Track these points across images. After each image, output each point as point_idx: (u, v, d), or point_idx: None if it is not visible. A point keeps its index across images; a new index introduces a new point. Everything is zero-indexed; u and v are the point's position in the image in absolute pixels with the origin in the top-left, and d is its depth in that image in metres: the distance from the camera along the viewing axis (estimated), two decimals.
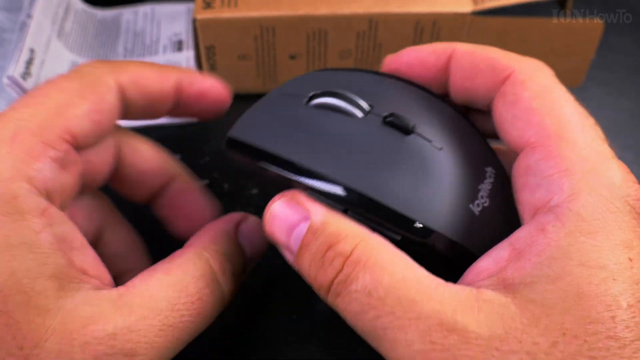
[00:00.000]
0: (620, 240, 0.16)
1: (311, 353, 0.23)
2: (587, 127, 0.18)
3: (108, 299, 0.17)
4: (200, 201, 0.25)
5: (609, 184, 0.16)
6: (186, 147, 0.31)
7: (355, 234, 0.17)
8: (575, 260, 0.16)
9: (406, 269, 0.17)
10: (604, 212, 0.16)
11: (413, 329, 0.16)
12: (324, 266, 0.17)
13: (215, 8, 0.31)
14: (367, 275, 0.17)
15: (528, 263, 0.16)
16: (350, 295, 0.17)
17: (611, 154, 0.17)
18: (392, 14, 0.31)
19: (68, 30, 0.36)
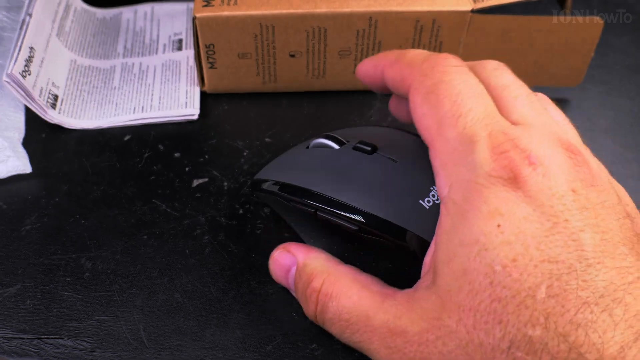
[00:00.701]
0: (488, 213, 0.18)
1: (311, 352, 0.23)
2: (460, 117, 0.20)
3: None
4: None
5: (472, 166, 0.19)
6: (186, 146, 0.31)
7: (323, 270, 0.22)
8: (456, 241, 0.18)
9: (361, 290, 0.21)
10: (471, 193, 0.18)
11: (375, 339, 0.20)
12: (307, 301, 0.22)
13: (214, 6, 0.31)
14: (334, 303, 0.21)
15: (436, 252, 0.19)
16: (329, 321, 0.22)
17: (478, 134, 0.19)
18: (392, 12, 0.31)
19: (68, 29, 0.36)
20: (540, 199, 0.18)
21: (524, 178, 0.18)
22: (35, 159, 0.30)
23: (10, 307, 0.24)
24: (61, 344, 0.23)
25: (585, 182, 0.18)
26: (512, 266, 0.17)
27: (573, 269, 0.17)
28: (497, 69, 0.22)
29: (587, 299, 0.17)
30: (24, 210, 0.28)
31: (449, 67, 0.21)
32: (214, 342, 0.23)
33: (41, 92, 0.32)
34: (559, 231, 0.17)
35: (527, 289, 0.17)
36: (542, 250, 0.17)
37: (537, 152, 0.19)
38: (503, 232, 0.18)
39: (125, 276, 0.26)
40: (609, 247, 0.17)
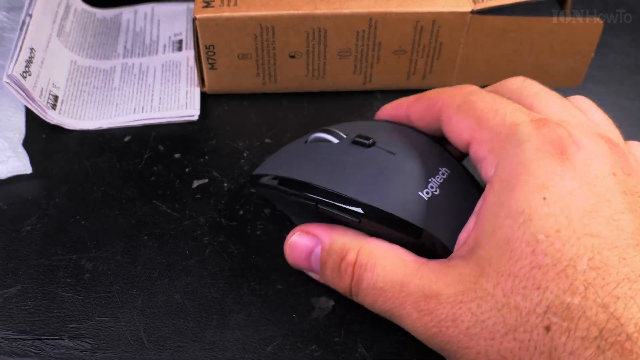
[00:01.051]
0: (534, 186, 0.19)
1: (311, 353, 0.23)
2: (498, 111, 0.21)
3: None
4: None
5: (517, 144, 0.20)
6: (186, 147, 0.32)
7: (355, 244, 0.22)
8: (502, 213, 0.19)
9: (395, 259, 0.22)
10: (517, 168, 0.19)
11: (407, 304, 0.21)
12: (341, 275, 0.23)
13: (215, 7, 0.31)
14: (369, 274, 0.22)
15: (478, 227, 0.20)
16: (363, 292, 0.22)
17: (520, 119, 0.20)
18: (392, 13, 0.31)
19: (68, 29, 0.36)
20: (586, 176, 0.19)
21: (571, 153, 0.19)
22: (35, 159, 0.30)
23: (10, 308, 0.24)
24: (61, 345, 0.23)
25: (624, 169, 0.20)
26: (556, 236, 0.18)
27: (614, 246, 0.18)
28: (523, 81, 0.24)
29: (627, 275, 0.17)
30: (25, 211, 0.28)
31: (474, 88, 0.23)
32: (214, 342, 0.23)
33: (41, 92, 0.32)
34: (602, 209, 0.18)
35: (569, 259, 0.18)
36: (586, 224, 0.18)
37: (580, 137, 0.20)
38: (548, 205, 0.18)
39: (125, 277, 0.26)
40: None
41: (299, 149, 0.26)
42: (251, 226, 0.28)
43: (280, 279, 0.26)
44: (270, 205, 0.29)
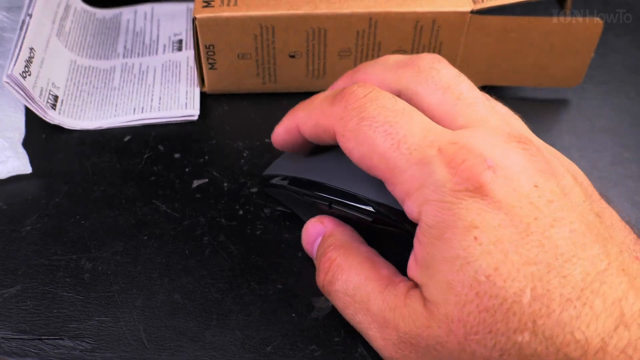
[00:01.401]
0: (462, 228, 0.18)
1: (311, 353, 0.23)
2: (399, 144, 0.20)
3: None
4: None
5: (435, 187, 0.19)
6: (186, 146, 0.32)
7: (343, 243, 0.23)
8: (438, 257, 0.19)
9: (370, 270, 0.21)
10: (442, 213, 0.19)
11: (373, 326, 0.20)
12: (319, 268, 0.23)
13: (214, 7, 0.31)
14: (344, 276, 0.22)
15: (419, 269, 0.20)
16: (334, 293, 0.22)
17: (427, 154, 0.19)
18: (392, 13, 0.31)
19: (68, 29, 0.36)
20: (509, 202, 0.18)
21: (488, 185, 0.18)
22: (35, 159, 0.30)
23: (10, 308, 0.24)
24: (61, 345, 0.23)
25: (544, 173, 0.19)
26: (496, 274, 0.18)
27: (552, 267, 0.17)
28: (432, 67, 0.22)
29: (569, 295, 0.17)
30: (24, 211, 0.28)
31: (360, 101, 0.21)
32: (214, 342, 0.23)
33: (41, 92, 0.32)
34: (532, 231, 0.18)
35: (513, 295, 0.17)
36: (521, 253, 0.18)
37: (493, 155, 0.19)
38: (481, 244, 0.18)
39: (125, 277, 0.26)
40: (578, 238, 0.18)
41: (311, 149, 0.26)
42: (251, 226, 0.28)
43: (280, 279, 0.26)
44: (270, 205, 0.29)
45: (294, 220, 0.28)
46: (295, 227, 0.27)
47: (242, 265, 0.26)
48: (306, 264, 0.26)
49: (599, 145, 0.32)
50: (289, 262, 0.26)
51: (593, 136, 0.33)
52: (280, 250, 0.27)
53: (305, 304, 0.25)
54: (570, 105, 0.35)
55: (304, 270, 0.26)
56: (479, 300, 0.18)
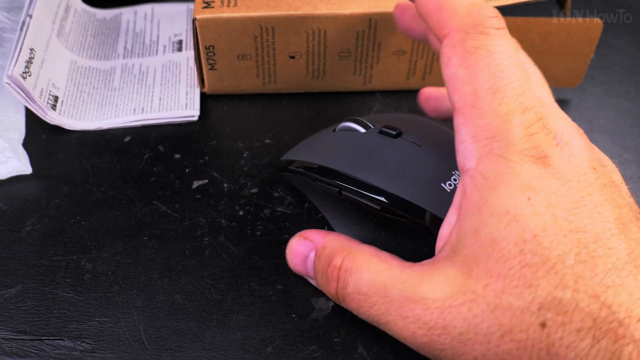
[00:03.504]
0: (518, 187, 0.19)
1: (311, 353, 0.23)
2: (497, 91, 0.20)
3: None
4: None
5: (505, 144, 0.19)
6: (186, 147, 0.32)
7: (343, 249, 0.23)
8: (486, 213, 0.19)
9: (379, 263, 0.21)
10: (502, 167, 0.19)
11: (392, 310, 0.20)
12: (328, 280, 0.23)
13: (215, 8, 0.31)
14: (354, 277, 0.22)
15: (460, 224, 0.20)
16: (348, 296, 0.22)
17: (514, 112, 0.20)
18: (392, 14, 0.31)
19: (68, 29, 0.36)
20: (568, 176, 0.19)
21: (553, 157, 0.19)
22: (35, 160, 0.30)
23: (10, 308, 0.25)
24: (61, 345, 0.23)
25: (599, 161, 0.20)
26: (543, 235, 0.18)
27: (599, 238, 0.18)
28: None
29: (613, 264, 0.18)
30: (25, 212, 0.28)
31: (492, 30, 0.21)
32: (214, 343, 0.23)
33: (41, 93, 0.32)
34: (584, 204, 0.19)
35: (557, 256, 0.18)
36: (571, 221, 0.18)
37: (563, 133, 0.20)
38: (534, 205, 0.19)
39: (125, 277, 0.26)
40: (626, 220, 0.19)
41: (327, 137, 0.27)
42: (251, 227, 0.28)
43: (280, 280, 0.26)
44: (269, 205, 0.29)
45: (294, 220, 0.28)
46: (295, 228, 0.28)
47: (242, 265, 0.26)
48: None
49: (599, 145, 0.32)
50: None
51: (593, 137, 0.33)
52: (280, 251, 0.27)
53: (305, 305, 0.25)
54: (570, 105, 0.35)
55: None
56: (522, 257, 0.18)
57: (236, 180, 0.30)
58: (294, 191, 0.29)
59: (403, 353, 0.23)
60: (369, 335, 0.24)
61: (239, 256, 0.27)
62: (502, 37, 0.21)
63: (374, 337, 0.24)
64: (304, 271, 0.24)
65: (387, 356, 0.23)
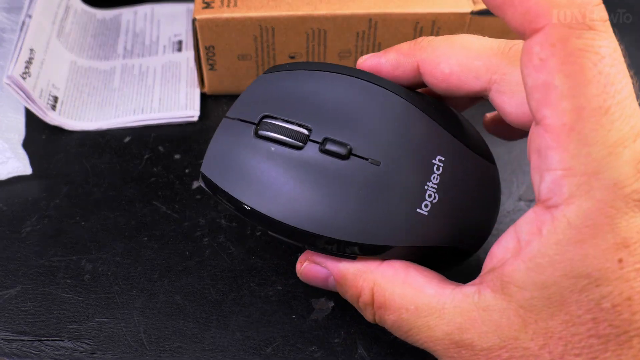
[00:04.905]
0: (612, 244, 0.16)
1: (311, 354, 0.23)
2: (607, 113, 0.16)
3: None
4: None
5: (610, 184, 0.16)
6: (186, 147, 0.32)
7: (367, 278, 0.20)
8: (560, 270, 0.16)
9: (417, 296, 0.19)
10: (598, 216, 0.16)
11: (438, 348, 0.19)
12: (364, 311, 0.21)
13: (214, 8, 0.31)
14: (391, 316, 0.20)
15: (522, 265, 0.17)
16: (390, 328, 0.20)
17: (626, 140, 0.16)
18: (392, 14, 0.31)
19: (68, 30, 0.36)
20: None
21: None
22: (35, 160, 0.30)
23: (10, 309, 0.25)
24: (61, 346, 0.23)
25: None
26: (625, 305, 0.16)
27: None
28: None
29: None
30: (24, 212, 0.28)
31: (599, 24, 0.16)
32: (214, 344, 0.23)
33: (41, 93, 0.32)
34: None
35: (637, 329, 0.16)
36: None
37: None
38: (623, 268, 0.16)
39: (125, 278, 0.26)
40: None
41: (248, 148, 0.20)
42: (251, 227, 0.28)
43: (280, 280, 0.26)
44: None
45: None
46: None
47: (242, 266, 0.26)
48: None
49: None
50: (288, 264, 0.26)
51: None
52: (280, 252, 0.27)
53: (305, 305, 0.25)
54: None
55: None
56: (594, 326, 0.16)
57: None
58: None
59: (403, 353, 0.23)
60: (369, 336, 0.24)
61: (239, 257, 0.27)
62: (609, 34, 0.16)
63: (374, 337, 0.24)
64: (328, 289, 0.22)
65: (386, 356, 0.23)
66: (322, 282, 0.22)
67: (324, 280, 0.22)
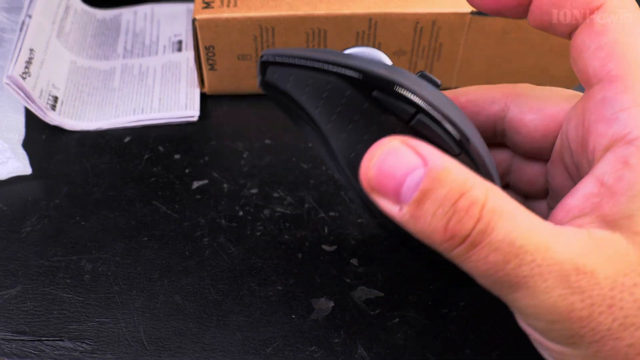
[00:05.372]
0: None
1: (311, 354, 0.23)
2: None
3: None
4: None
5: None
6: (186, 147, 0.32)
7: (481, 181, 0.17)
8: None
9: (529, 217, 0.17)
10: None
11: (553, 275, 0.17)
12: (457, 215, 0.17)
13: (214, 8, 0.31)
14: (507, 224, 0.17)
15: (623, 198, 0.17)
16: (491, 245, 0.17)
17: None
18: (392, 14, 0.31)
19: (68, 30, 0.36)
20: None
21: None
22: (35, 160, 0.30)
23: (10, 309, 0.25)
24: (61, 346, 0.23)
25: None
26: None
27: None
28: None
29: None
30: (24, 212, 0.28)
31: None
32: (214, 344, 0.23)
33: (41, 93, 0.32)
34: None
35: None
36: None
37: None
38: None
39: (125, 278, 0.26)
40: None
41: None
42: (251, 227, 0.28)
43: (280, 280, 0.26)
44: (269, 206, 0.29)
45: (293, 221, 0.28)
46: (295, 228, 0.28)
47: (242, 266, 0.26)
48: (306, 265, 0.26)
49: None
50: (288, 264, 0.26)
51: None
52: (280, 252, 0.27)
53: (305, 306, 0.25)
54: None
55: (303, 271, 0.26)
56: None
57: (236, 180, 0.30)
58: (294, 191, 0.29)
59: (403, 354, 0.23)
60: (368, 336, 0.24)
61: (239, 257, 0.27)
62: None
63: (374, 338, 0.24)
64: (392, 191, 0.17)
65: (386, 356, 0.23)
66: (397, 177, 0.17)
67: (404, 174, 0.17)
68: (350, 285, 0.25)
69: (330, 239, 0.27)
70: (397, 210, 0.17)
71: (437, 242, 0.17)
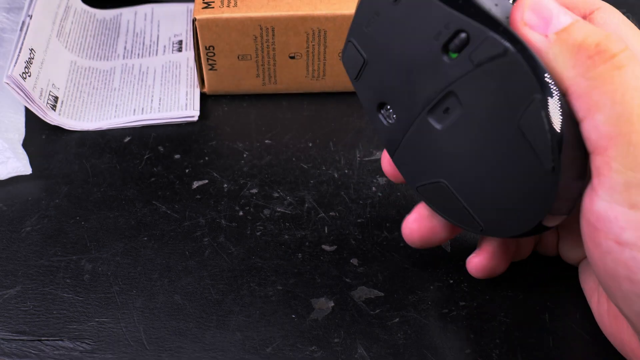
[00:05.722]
0: None
1: (311, 354, 0.23)
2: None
3: None
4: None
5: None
6: (186, 147, 0.32)
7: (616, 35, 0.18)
8: None
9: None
10: None
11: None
12: (609, 38, 0.18)
13: (214, 8, 0.31)
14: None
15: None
16: (634, 72, 0.17)
17: None
18: None
19: (68, 30, 0.36)
20: None
21: None
22: (35, 160, 0.30)
23: (10, 309, 0.25)
24: (61, 346, 0.23)
25: None
26: None
27: None
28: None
29: None
30: (24, 212, 0.28)
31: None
32: (214, 344, 0.23)
33: (41, 93, 0.32)
34: None
35: None
36: None
37: None
38: None
39: (125, 278, 0.26)
40: None
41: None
42: (251, 227, 0.28)
43: (280, 280, 0.26)
44: (269, 206, 0.29)
45: (293, 221, 0.28)
46: (295, 228, 0.28)
47: (242, 266, 0.26)
48: (306, 265, 0.26)
49: None
50: (288, 263, 0.26)
51: None
52: (280, 252, 0.27)
53: (305, 305, 0.25)
54: None
55: (304, 271, 0.26)
56: None
57: (236, 180, 0.30)
58: (294, 191, 0.29)
59: (403, 354, 0.23)
60: (368, 335, 0.24)
61: (239, 257, 0.27)
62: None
63: (373, 337, 0.24)
64: (541, 26, 0.19)
65: (386, 356, 0.23)
66: (547, 14, 0.19)
67: (556, 10, 0.19)
68: (350, 285, 0.25)
69: (330, 239, 0.27)
70: (544, 39, 0.18)
71: (583, 56, 0.17)
